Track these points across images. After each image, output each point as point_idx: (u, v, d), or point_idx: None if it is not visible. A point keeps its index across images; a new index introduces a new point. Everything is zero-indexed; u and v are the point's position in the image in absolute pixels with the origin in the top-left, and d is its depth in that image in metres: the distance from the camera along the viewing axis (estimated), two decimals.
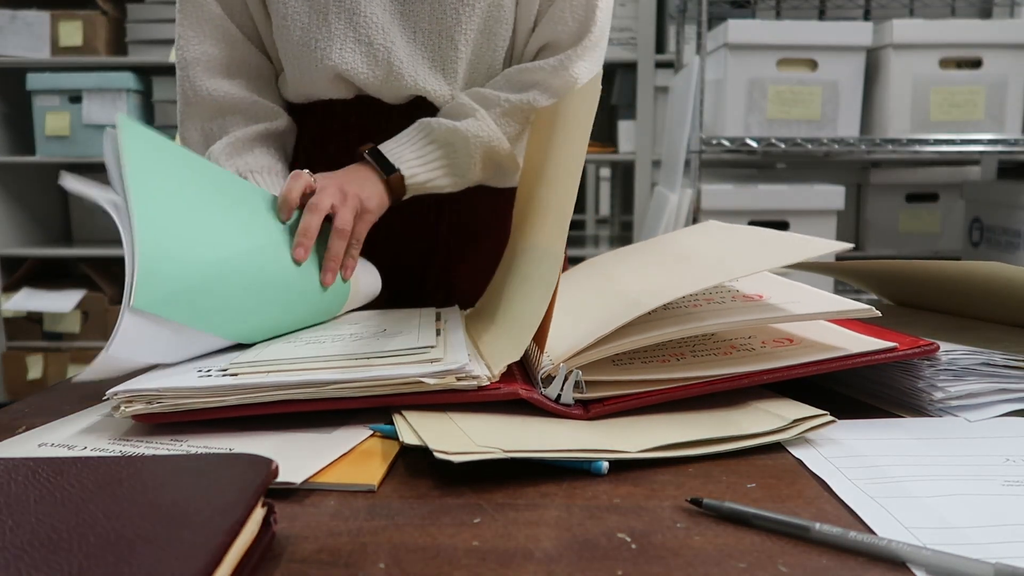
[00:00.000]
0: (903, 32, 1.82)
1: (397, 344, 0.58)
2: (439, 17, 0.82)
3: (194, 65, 0.85)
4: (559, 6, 0.86)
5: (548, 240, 0.62)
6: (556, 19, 0.86)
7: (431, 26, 0.83)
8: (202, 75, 0.85)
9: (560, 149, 0.68)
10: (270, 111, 0.87)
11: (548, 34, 0.87)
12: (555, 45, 0.87)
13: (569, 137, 0.66)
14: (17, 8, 2.50)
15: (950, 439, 0.50)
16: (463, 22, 0.83)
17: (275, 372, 0.53)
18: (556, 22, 0.86)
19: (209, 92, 0.85)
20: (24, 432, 0.52)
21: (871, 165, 2.29)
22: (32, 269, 2.65)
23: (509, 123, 0.86)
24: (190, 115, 0.86)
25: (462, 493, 0.43)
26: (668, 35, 2.55)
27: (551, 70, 0.86)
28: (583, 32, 0.87)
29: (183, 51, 0.85)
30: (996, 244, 2.04)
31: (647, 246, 0.79)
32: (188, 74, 0.85)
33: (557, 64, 0.86)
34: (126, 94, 2.50)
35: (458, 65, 0.85)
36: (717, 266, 0.59)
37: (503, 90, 0.86)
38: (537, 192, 0.74)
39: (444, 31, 0.83)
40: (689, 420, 0.51)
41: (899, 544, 0.35)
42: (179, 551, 0.29)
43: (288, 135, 0.90)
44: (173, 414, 0.50)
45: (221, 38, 0.85)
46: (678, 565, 0.35)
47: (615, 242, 2.83)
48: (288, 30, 0.83)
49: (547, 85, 0.86)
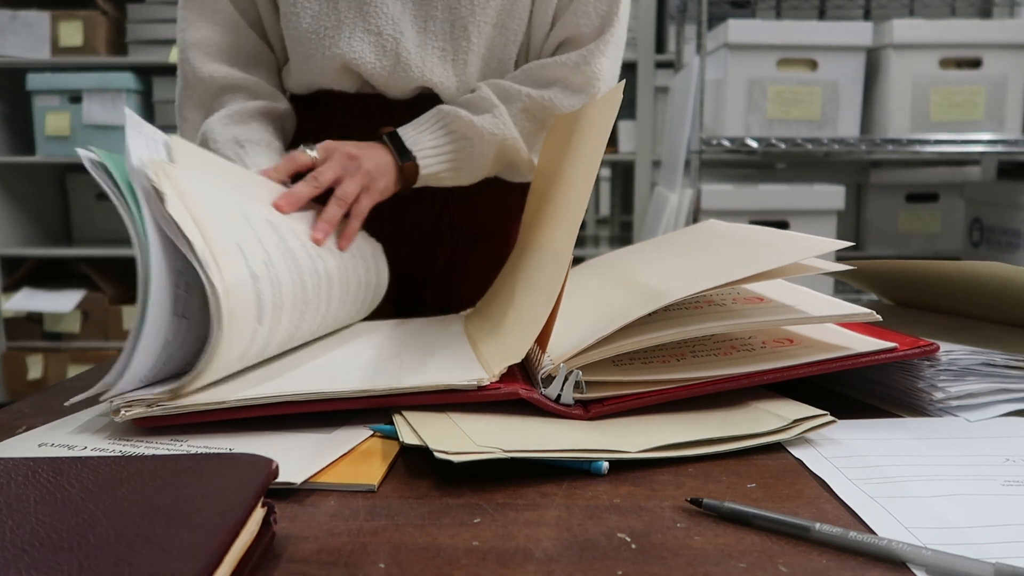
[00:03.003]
0: (903, 32, 1.82)
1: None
2: (453, 7, 0.82)
3: (194, 48, 0.84)
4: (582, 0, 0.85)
5: (557, 243, 0.62)
6: (579, 13, 0.85)
7: (444, 15, 0.83)
8: (202, 58, 0.84)
9: (577, 154, 0.68)
10: (271, 92, 0.87)
11: (570, 29, 0.86)
12: (575, 40, 0.87)
13: (587, 143, 0.66)
14: (17, 8, 2.50)
15: (950, 439, 0.50)
16: (477, 13, 0.82)
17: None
18: (579, 16, 0.86)
19: (210, 74, 0.84)
20: (24, 432, 0.52)
21: (871, 165, 2.29)
22: (32, 269, 2.65)
23: (528, 120, 0.85)
24: (189, 97, 0.86)
25: (462, 493, 0.43)
26: (668, 35, 2.55)
27: (573, 66, 0.85)
28: (604, 27, 0.86)
29: (184, 33, 0.85)
30: (996, 244, 2.04)
31: (648, 246, 0.79)
32: (188, 56, 0.85)
33: (579, 59, 0.85)
34: (126, 94, 2.50)
35: (469, 56, 0.84)
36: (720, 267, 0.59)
37: (524, 84, 0.85)
38: (550, 195, 0.74)
39: (458, 21, 0.83)
40: (689, 420, 0.51)
41: (899, 544, 0.35)
42: (179, 551, 0.29)
43: (288, 119, 0.89)
44: (173, 417, 0.50)
45: (222, 23, 0.85)
46: (678, 565, 0.35)
47: (615, 242, 2.83)
48: (298, 17, 0.83)
49: (568, 81, 0.86)
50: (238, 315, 0.52)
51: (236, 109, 0.83)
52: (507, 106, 0.84)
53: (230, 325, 0.51)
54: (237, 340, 0.53)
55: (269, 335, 0.58)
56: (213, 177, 0.62)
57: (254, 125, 0.84)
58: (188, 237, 0.50)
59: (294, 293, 0.61)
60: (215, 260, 0.51)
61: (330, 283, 0.68)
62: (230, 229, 0.56)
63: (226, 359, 0.53)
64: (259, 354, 0.58)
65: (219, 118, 0.82)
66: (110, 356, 2.44)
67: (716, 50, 1.91)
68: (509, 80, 0.86)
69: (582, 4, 0.85)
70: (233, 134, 0.81)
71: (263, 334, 0.57)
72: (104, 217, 2.79)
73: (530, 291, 0.64)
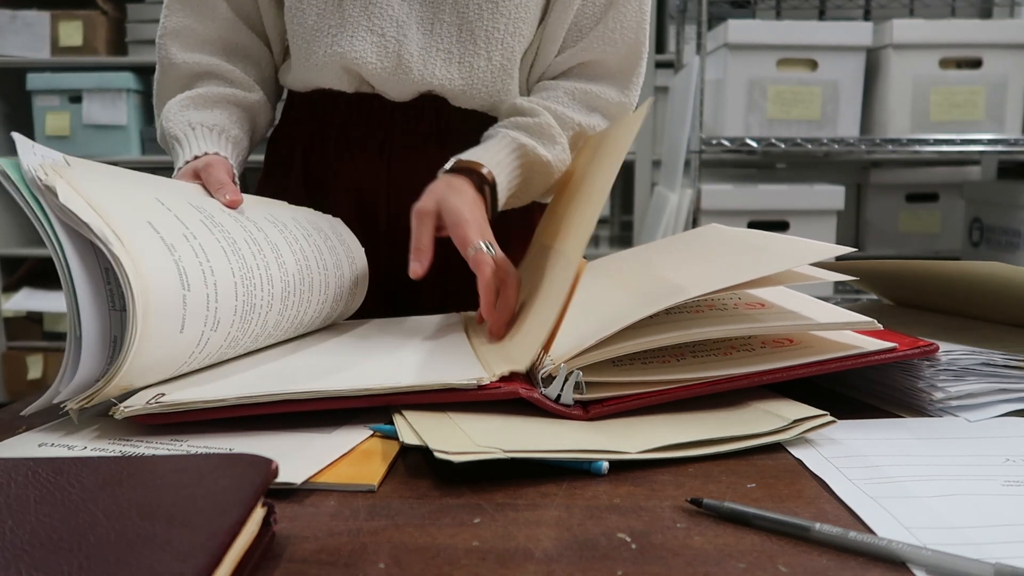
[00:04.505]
0: (903, 32, 1.82)
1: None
2: (462, 10, 0.82)
3: (173, 36, 0.84)
4: (609, 27, 0.85)
5: (567, 252, 0.62)
6: (606, 40, 0.85)
7: (452, 18, 0.82)
8: (179, 46, 0.84)
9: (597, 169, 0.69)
10: (246, 82, 0.86)
11: (595, 53, 0.86)
12: (599, 65, 0.87)
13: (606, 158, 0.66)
14: (17, 8, 2.50)
15: (950, 439, 0.50)
16: (486, 17, 0.82)
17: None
18: (605, 43, 0.86)
19: (183, 60, 0.83)
20: (24, 432, 0.52)
21: (871, 165, 2.29)
22: (32, 269, 2.65)
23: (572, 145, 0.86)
24: (166, 84, 0.85)
25: (462, 493, 0.43)
26: (668, 35, 2.55)
27: (616, 101, 0.87)
28: (634, 58, 0.87)
29: (165, 20, 0.85)
30: (996, 244, 2.04)
31: (650, 249, 0.79)
32: (165, 43, 0.84)
33: (620, 94, 0.87)
34: (126, 94, 2.50)
35: (476, 59, 0.84)
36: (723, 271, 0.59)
37: (573, 111, 0.85)
38: (567, 209, 0.74)
39: (465, 24, 0.83)
40: (689, 420, 0.51)
41: (899, 544, 0.35)
42: (179, 551, 0.29)
43: (261, 112, 0.87)
44: (172, 415, 0.50)
45: (209, 15, 0.85)
46: (678, 565, 0.35)
47: (615, 242, 2.82)
48: (303, 14, 0.82)
49: (608, 112, 0.87)
50: (152, 284, 0.50)
51: (201, 92, 0.82)
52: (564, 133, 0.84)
53: (143, 295, 0.49)
54: (165, 312, 0.50)
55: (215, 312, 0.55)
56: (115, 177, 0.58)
57: (216, 111, 0.82)
58: (84, 220, 0.49)
59: (232, 267, 0.57)
60: (116, 235, 0.49)
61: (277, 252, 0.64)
62: (136, 208, 0.54)
63: (161, 333, 0.50)
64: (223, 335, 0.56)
65: (179, 99, 0.81)
66: None
67: (716, 50, 1.91)
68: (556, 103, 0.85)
69: (609, 31, 0.85)
70: (187, 117, 0.80)
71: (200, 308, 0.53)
72: None
73: (537, 300, 0.64)
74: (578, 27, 0.86)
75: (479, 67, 0.84)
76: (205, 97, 0.82)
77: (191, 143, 0.77)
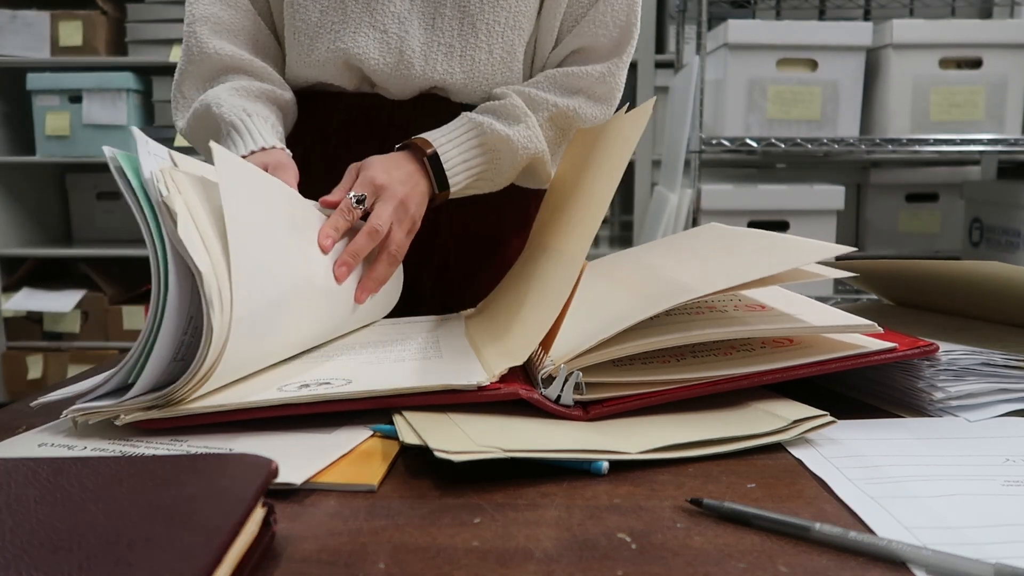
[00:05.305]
0: (903, 32, 1.82)
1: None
2: (463, 5, 0.82)
3: (203, 22, 0.83)
4: (600, 10, 0.86)
5: (570, 250, 0.62)
6: (597, 23, 0.86)
7: (454, 12, 0.83)
8: (210, 33, 0.82)
9: (600, 165, 0.69)
10: (278, 80, 0.85)
11: (587, 39, 0.87)
12: (591, 50, 0.87)
13: (611, 156, 0.66)
14: (17, 8, 2.50)
15: (950, 439, 0.50)
16: (487, 11, 0.83)
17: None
18: (596, 26, 0.86)
19: (216, 50, 0.82)
20: (24, 432, 0.52)
21: (871, 165, 2.29)
22: (32, 269, 2.65)
23: (551, 128, 0.86)
24: (191, 73, 0.83)
25: (462, 493, 0.43)
26: (668, 35, 2.55)
27: (598, 77, 0.86)
28: (624, 39, 0.87)
29: (192, 6, 0.83)
30: (996, 244, 2.04)
31: (650, 249, 0.79)
32: (195, 30, 0.82)
33: (604, 72, 0.86)
34: (126, 94, 2.50)
35: (478, 53, 0.84)
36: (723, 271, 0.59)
37: (549, 92, 0.85)
38: (567, 205, 0.74)
39: (467, 18, 0.83)
40: (689, 421, 0.51)
41: (899, 544, 0.35)
42: (179, 551, 0.29)
43: (290, 110, 0.87)
44: (173, 419, 0.50)
45: (234, 5, 0.84)
46: (678, 565, 0.35)
47: (615, 242, 2.82)
48: (305, 10, 0.82)
49: (592, 92, 0.87)
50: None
51: (244, 85, 0.81)
52: (535, 115, 0.84)
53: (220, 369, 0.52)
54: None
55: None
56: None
57: (259, 105, 0.81)
58: (199, 267, 0.49)
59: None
60: (220, 300, 0.50)
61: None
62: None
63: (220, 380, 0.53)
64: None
65: (227, 88, 0.80)
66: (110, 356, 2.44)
67: (716, 50, 1.91)
68: (532, 86, 0.86)
69: (600, 14, 0.86)
70: (242, 104, 0.79)
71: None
72: (104, 217, 2.79)
73: (538, 296, 0.64)
74: (572, 15, 0.87)
75: (480, 60, 0.84)
76: (248, 90, 0.81)
77: (252, 133, 0.76)
